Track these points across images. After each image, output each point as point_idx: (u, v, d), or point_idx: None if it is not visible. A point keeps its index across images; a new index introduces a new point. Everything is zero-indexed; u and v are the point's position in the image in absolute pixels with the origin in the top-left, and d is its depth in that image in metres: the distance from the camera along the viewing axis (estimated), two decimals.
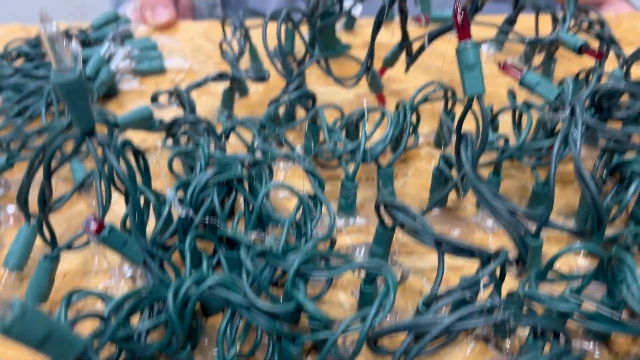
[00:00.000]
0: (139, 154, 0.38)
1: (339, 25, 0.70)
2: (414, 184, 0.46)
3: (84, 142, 0.30)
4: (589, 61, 0.50)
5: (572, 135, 0.36)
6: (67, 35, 0.62)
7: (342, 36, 0.68)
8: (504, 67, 0.42)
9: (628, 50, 0.62)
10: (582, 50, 0.45)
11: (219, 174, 0.38)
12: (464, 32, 0.33)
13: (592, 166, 0.43)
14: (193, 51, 0.67)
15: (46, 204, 0.33)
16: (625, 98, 0.44)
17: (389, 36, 0.63)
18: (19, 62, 0.62)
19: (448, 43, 0.38)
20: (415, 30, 0.65)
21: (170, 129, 0.44)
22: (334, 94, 0.57)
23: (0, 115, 0.54)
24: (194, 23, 0.75)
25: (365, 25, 0.71)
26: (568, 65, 0.59)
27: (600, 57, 0.43)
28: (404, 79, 0.60)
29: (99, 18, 0.65)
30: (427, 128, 0.52)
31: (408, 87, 0.59)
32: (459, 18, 0.33)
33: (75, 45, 0.33)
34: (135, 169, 0.37)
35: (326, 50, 0.63)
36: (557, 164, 0.35)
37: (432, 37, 0.48)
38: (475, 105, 0.34)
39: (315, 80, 0.59)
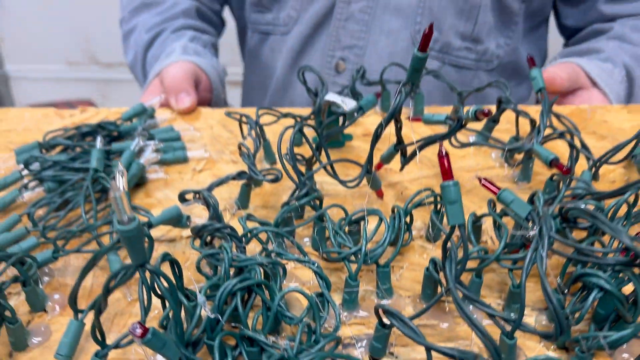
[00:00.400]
0: (174, 263, 0.45)
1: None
2: (408, 277, 0.53)
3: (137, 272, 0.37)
4: (565, 156, 0.57)
5: (539, 252, 0.43)
6: (101, 127, 0.70)
7: None
8: (483, 184, 0.49)
9: (600, 144, 0.70)
10: (552, 164, 0.52)
11: (242, 280, 0.45)
12: (447, 175, 0.40)
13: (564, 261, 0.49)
14: (211, 139, 0.75)
15: (100, 313, 0.40)
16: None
17: (389, 128, 0.70)
18: (55, 151, 0.70)
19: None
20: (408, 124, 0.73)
21: (198, 232, 0.51)
22: (338, 184, 0.64)
23: (43, 206, 0.61)
24: (212, 110, 0.83)
25: (366, 115, 0.79)
26: None
27: (568, 173, 0.50)
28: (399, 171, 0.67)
29: (128, 111, 0.73)
30: (419, 222, 0.59)
31: (403, 179, 0.67)
32: (444, 161, 0.40)
33: (121, 168, 0.40)
34: (171, 276, 0.44)
35: (329, 141, 0.71)
36: (526, 277, 0.42)
37: (422, 146, 0.56)
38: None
39: (321, 170, 0.66)
